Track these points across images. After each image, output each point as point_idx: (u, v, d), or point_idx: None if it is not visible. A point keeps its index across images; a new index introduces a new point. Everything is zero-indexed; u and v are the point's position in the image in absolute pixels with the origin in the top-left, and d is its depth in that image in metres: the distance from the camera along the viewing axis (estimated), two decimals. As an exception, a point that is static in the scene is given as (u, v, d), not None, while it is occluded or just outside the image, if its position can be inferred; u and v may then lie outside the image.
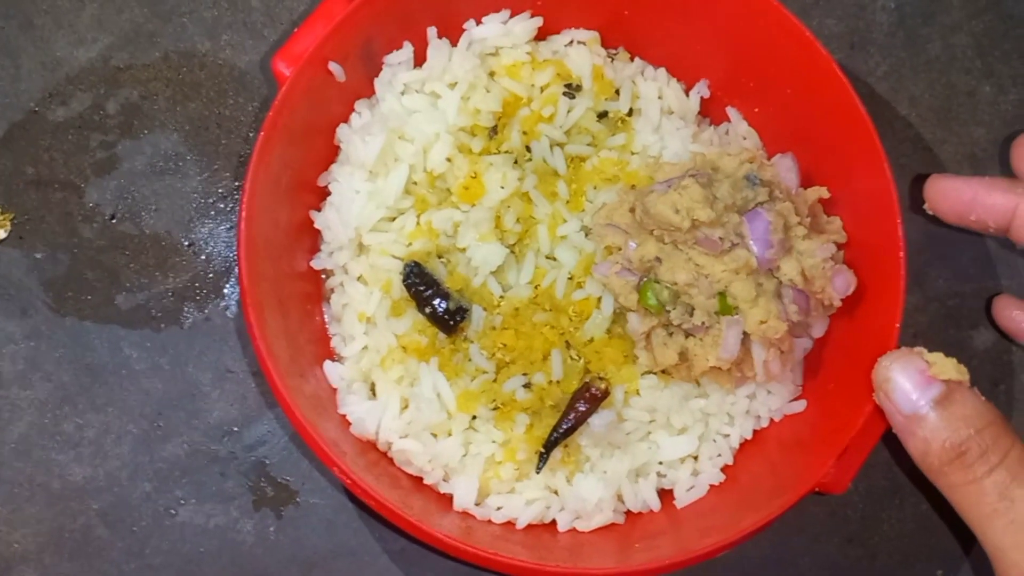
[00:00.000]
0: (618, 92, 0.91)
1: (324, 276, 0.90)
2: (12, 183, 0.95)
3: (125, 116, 0.98)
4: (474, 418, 0.85)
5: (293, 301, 0.86)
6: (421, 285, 0.86)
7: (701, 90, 0.93)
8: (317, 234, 0.89)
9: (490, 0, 0.89)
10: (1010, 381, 0.99)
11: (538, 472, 0.84)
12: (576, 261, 0.87)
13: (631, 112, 0.91)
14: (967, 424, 0.76)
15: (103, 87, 0.98)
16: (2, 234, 0.95)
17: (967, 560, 0.96)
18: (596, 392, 0.84)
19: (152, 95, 0.98)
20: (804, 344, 0.87)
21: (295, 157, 0.85)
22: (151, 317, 0.95)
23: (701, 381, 0.86)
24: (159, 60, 0.99)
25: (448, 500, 0.84)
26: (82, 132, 0.97)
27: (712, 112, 0.94)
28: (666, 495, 0.87)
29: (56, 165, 0.97)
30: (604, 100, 0.90)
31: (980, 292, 1.00)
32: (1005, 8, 1.03)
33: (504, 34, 0.89)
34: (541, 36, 0.91)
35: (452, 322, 0.86)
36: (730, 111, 0.92)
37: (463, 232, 0.86)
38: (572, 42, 0.92)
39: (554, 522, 0.85)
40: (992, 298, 0.98)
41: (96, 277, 0.95)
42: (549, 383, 0.85)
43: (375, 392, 0.87)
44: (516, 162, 0.89)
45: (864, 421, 0.79)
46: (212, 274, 0.96)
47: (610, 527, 0.85)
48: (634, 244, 0.83)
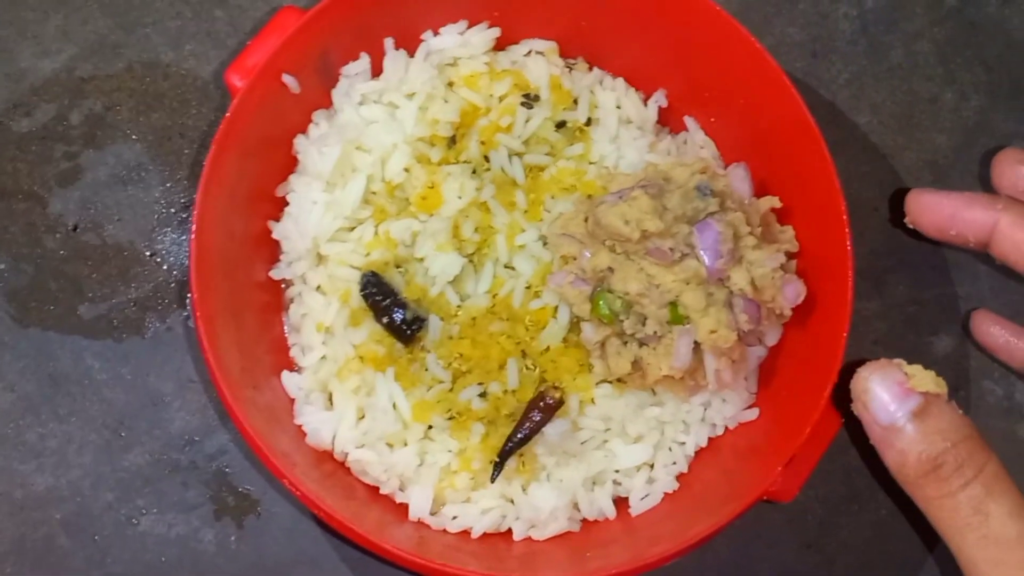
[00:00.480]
0: (576, 102, 0.91)
1: (284, 286, 0.91)
2: (-25, 194, 0.96)
3: (89, 127, 0.98)
4: (430, 428, 0.85)
5: (250, 312, 0.86)
6: (379, 295, 0.86)
7: (659, 99, 0.93)
8: (276, 244, 0.90)
9: (448, 11, 0.89)
10: (969, 387, 0.99)
11: (493, 481, 0.84)
12: (534, 270, 0.87)
13: (589, 122, 0.91)
14: (943, 437, 0.76)
15: (67, 98, 0.98)
16: (-35, 245, 0.96)
17: (924, 567, 0.96)
18: (551, 401, 0.84)
19: (116, 105, 0.98)
20: (758, 352, 0.88)
21: (251, 168, 0.85)
22: (113, 327, 0.95)
23: (656, 389, 0.87)
24: (123, 71, 0.99)
25: (404, 509, 0.84)
26: (46, 143, 0.98)
27: (671, 121, 0.94)
28: (621, 503, 0.88)
29: (20, 176, 0.97)
30: (562, 110, 0.91)
31: (940, 298, 1.00)
32: (967, 15, 1.04)
33: (462, 44, 0.90)
34: (500, 46, 0.92)
35: (409, 332, 0.86)
36: (688, 120, 0.93)
37: (421, 242, 0.87)
38: (530, 52, 0.92)
39: (510, 531, 0.86)
40: (970, 312, 0.98)
41: (59, 287, 0.96)
42: (505, 392, 0.86)
43: (333, 402, 0.87)
44: (475, 172, 0.89)
45: (811, 431, 0.79)
46: (174, 284, 0.96)
47: (565, 535, 0.85)
48: (588, 253, 0.83)
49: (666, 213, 0.79)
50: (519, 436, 0.84)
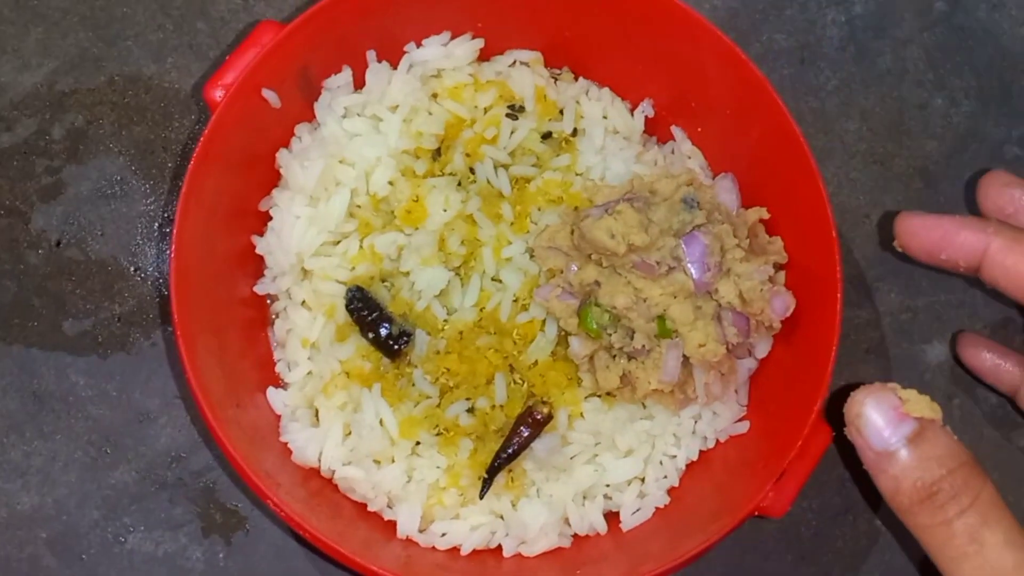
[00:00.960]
0: (562, 112, 0.90)
1: (269, 301, 0.90)
2: (-44, 211, 0.95)
3: (71, 141, 0.97)
4: (417, 444, 0.84)
5: (234, 328, 0.86)
6: (364, 310, 0.85)
7: (646, 109, 0.92)
8: (260, 259, 0.89)
9: (430, 22, 0.88)
10: (963, 396, 0.98)
11: (481, 498, 0.84)
12: (521, 283, 0.86)
13: (575, 132, 0.91)
14: (939, 464, 0.75)
15: (48, 112, 0.97)
16: (-54, 262, 0.95)
17: (919, 577, 0.96)
18: (539, 417, 0.83)
19: (98, 119, 0.97)
20: (748, 364, 0.87)
21: (233, 184, 0.84)
22: (98, 343, 0.94)
23: (646, 403, 0.86)
24: (104, 84, 0.98)
25: (392, 527, 0.84)
26: (27, 158, 0.97)
27: (658, 131, 0.93)
28: (613, 517, 0.87)
29: (1, 191, 0.96)
30: (548, 121, 0.90)
31: (933, 306, 0.99)
32: (957, 21, 1.03)
33: (445, 56, 0.89)
34: (484, 57, 0.91)
35: (396, 347, 0.85)
36: (675, 130, 0.92)
37: (406, 256, 0.86)
38: (515, 63, 0.91)
39: (500, 548, 0.85)
40: (956, 335, 0.97)
41: (42, 304, 0.95)
42: (493, 407, 0.85)
43: (319, 418, 0.86)
44: (460, 184, 0.88)
45: (802, 445, 0.78)
46: (158, 299, 0.95)
47: (555, 551, 0.85)
48: (575, 267, 0.82)
49: (652, 226, 0.79)
50: (508, 452, 0.83)
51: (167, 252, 0.95)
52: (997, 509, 0.75)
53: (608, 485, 0.86)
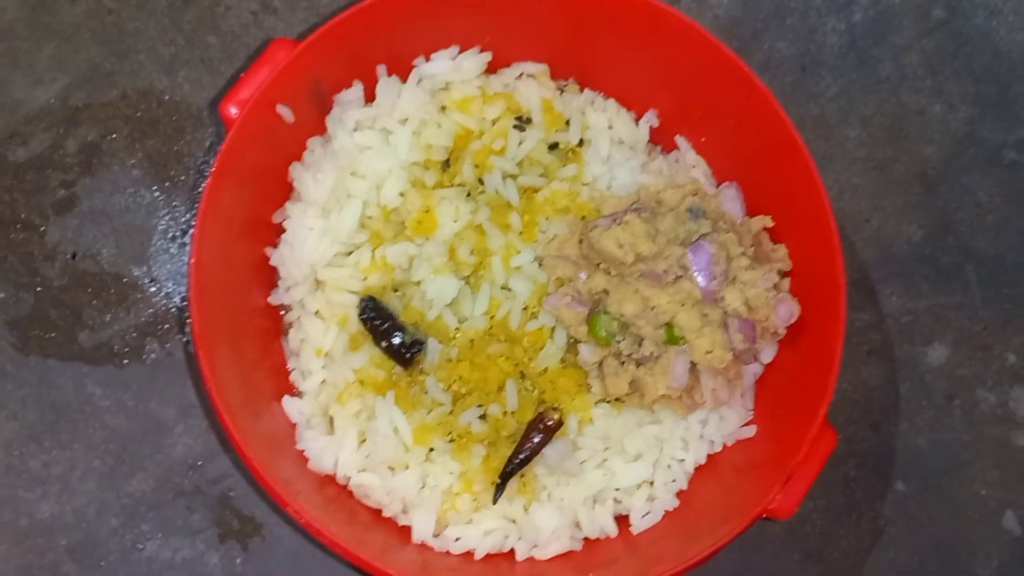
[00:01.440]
0: (568, 123, 0.92)
1: (282, 312, 0.92)
2: (-27, 225, 0.97)
3: (85, 155, 0.99)
4: (431, 450, 0.86)
5: (250, 338, 0.87)
6: (377, 319, 0.87)
7: (651, 120, 0.94)
8: (274, 270, 0.90)
9: (439, 36, 0.90)
10: (964, 396, 1.00)
11: (494, 503, 0.85)
12: (530, 291, 0.88)
13: (582, 143, 0.92)
14: None
15: (62, 127, 0.99)
16: (-36, 276, 0.96)
17: (924, 574, 0.97)
18: (550, 423, 0.85)
19: (111, 133, 0.99)
20: (754, 370, 0.88)
21: (248, 197, 0.86)
22: (114, 354, 0.96)
23: (654, 408, 0.87)
24: (117, 98, 1.00)
25: (407, 532, 0.85)
26: (42, 172, 0.98)
27: (664, 140, 0.95)
28: (623, 521, 0.88)
29: (17, 205, 0.98)
30: (554, 132, 0.91)
31: (933, 308, 1.01)
32: (955, 27, 1.05)
33: (454, 69, 0.90)
34: (491, 69, 0.93)
35: (408, 355, 0.87)
36: (679, 140, 0.93)
37: (417, 265, 0.88)
38: (522, 75, 0.93)
39: (512, 551, 0.86)
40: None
41: (59, 315, 0.96)
42: (504, 414, 0.86)
43: (334, 426, 0.88)
44: (469, 195, 0.90)
45: (807, 448, 0.80)
46: (174, 309, 0.97)
47: (567, 555, 0.86)
48: (584, 275, 0.84)
49: (659, 236, 0.80)
50: (520, 457, 0.85)
51: (181, 263, 0.97)
52: None
53: (618, 489, 0.88)
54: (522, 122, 0.91)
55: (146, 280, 0.97)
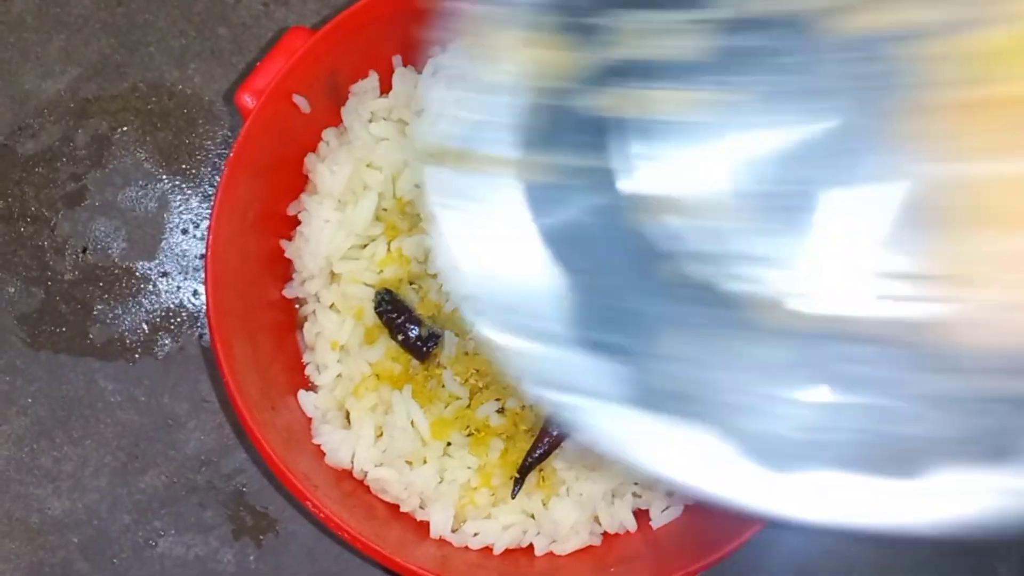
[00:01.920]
0: (585, 113, 0.91)
1: (297, 304, 0.91)
2: (-18, 218, 0.96)
3: (95, 147, 0.98)
4: (448, 445, 0.85)
5: (265, 332, 0.86)
6: (393, 312, 0.86)
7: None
8: (289, 263, 0.90)
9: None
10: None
11: (513, 497, 0.84)
12: (548, 283, 0.87)
13: (598, 133, 0.91)
14: None
15: (72, 119, 0.98)
16: (-26, 270, 0.95)
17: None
18: (569, 416, 0.84)
19: (121, 126, 0.98)
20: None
21: (263, 189, 0.85)
22: (125, 348, 0.95)
23: (674, 401, 0.87)
24: (127, 90, 0.99)
25: (425, 527, 0.84)
26: (52, 165, 0.97)
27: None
28: (642, 516, 0.87)
29: (27, 199, 0.97)
30: (571, 122, 0.90)
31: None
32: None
33: (470, 59, 0.89)
34: (507, 59, 0.91)
35: (425, 348, 0.86)
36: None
37: (433, 258, 0.87)
38: (538, 65, 0.92)
39: (531, 546, 0.85)
40: None
41: (70, 310, 0.95)
42: (523, 407, 0.86)
43: (350, 420, 0.87)
44: (485, 186, 0.89)
45: (833, 441, 0.79)
46: (185, 304, 0.96)
47: (587, 550, 0.85)
48: (603, 268, 0.83)
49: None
50: (538, 451, 0.84)
51: (192, 257, 0.96)
52: None
53: (636, 483, 0.87)
54: (539, 113, 0.90)
55: (157, 274, 0.96)
